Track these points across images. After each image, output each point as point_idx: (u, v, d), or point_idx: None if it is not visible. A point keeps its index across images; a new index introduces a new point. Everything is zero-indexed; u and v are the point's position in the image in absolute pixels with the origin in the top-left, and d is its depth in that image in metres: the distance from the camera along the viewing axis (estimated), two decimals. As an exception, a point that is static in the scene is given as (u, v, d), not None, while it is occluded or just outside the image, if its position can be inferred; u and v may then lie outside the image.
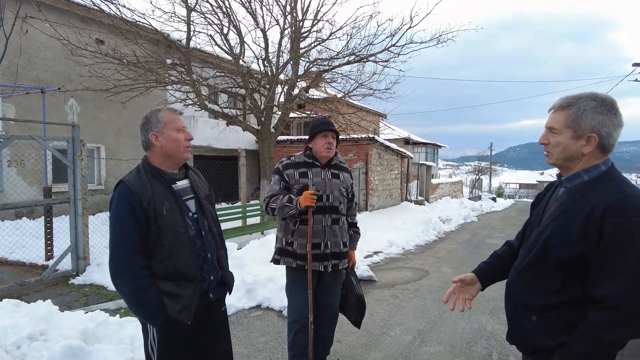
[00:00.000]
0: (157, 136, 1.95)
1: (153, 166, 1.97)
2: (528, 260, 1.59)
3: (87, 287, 5.49)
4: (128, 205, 1.84)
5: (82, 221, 5.92)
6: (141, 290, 1.84)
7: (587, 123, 1.43)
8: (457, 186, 30.23)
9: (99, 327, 3.31)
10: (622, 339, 1.37)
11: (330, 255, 2.89)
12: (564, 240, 1.44)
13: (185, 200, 2.02)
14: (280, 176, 2.92)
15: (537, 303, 1.54)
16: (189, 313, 1.89)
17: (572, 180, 1.51)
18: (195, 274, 1.93)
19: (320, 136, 2.89)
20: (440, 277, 6.49)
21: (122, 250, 1.83)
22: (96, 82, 9.53)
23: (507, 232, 12.58)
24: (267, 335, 4.04)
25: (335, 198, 2.91)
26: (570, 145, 1.47)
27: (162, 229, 1.88)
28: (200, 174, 2.26)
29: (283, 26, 10.11)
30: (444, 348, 3.85)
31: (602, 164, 1.47)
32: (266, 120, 10.54)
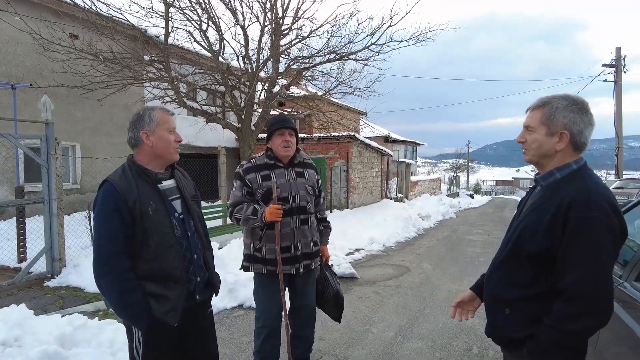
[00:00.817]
0: (148, 135, 1.92)
1: (139, 165, 1.93)
2: (503, 255, 1.66)
3: (63, 289, 5.34)
4: (113, 205, 1.81)
5: (58, 221, 5.76)
6: (126, 292, 1.80)
7: (560, 120, 1.52)
8: (435, 183, 30.70)
9: (77, 331, 3.22)
10: (584, 328, 1.42)
11: (302, 256, 2.82)
12: (534, 234, 1.51)
13: (171, 200, 1.99)
14: (241, 182, 2.80)
15: (510, 296, 1.61)
16: (175, 315, 1.87)
17: (546, 178, 1.59)
18: (181, 275, 1.90)
19: (277, 134, 2.79)
20: (420, 273, 6.58)
21: (107, 251, 1.80)
22: (70, 78, 9.26)
23: (484, 228, 12.86)
24: (250, 335, 4.00)
25: (302, 198, 2.82)
26: (545, 142, 1.55)
27: (147, 230, 1.85)
28: (186, 173, 2.22)
29: (263, 23, 10.03)
30: (426, 344, 3.91)
31: (573, 163, 1.55)
32: (246, 118, 10.45)
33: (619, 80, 17.60)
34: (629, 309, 1.92)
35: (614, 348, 1.99)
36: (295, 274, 2.82)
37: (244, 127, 10.52)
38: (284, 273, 2.76)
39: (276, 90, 10.68)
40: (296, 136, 2.87)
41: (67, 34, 9.09)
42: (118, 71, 9.19)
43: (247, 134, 10.55)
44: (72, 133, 10.60)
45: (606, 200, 1.42)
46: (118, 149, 11.43)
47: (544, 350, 1.48)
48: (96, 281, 1.84)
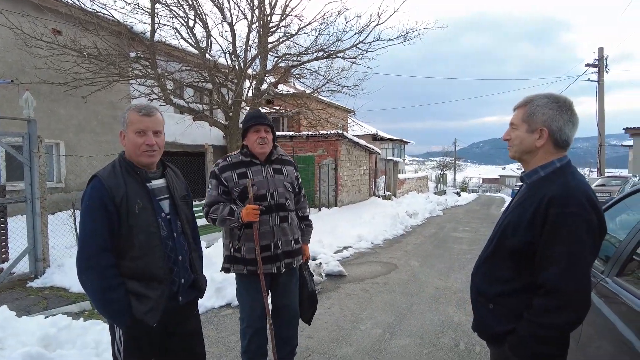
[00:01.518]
0: (123, 135, 1.92)
1: (129, 162, 1.91)
2: (489, 251, 1.70)
3: (47, 290, 5.25)
4: (100, 201, 1.79)
5: (41, 221, 5.65)
6: (108, 290, 1.78)
7: (539, 117, 1.58)
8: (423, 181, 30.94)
9: (61, 332, 3.16)
10: (562, 322, 1.45)
11: (282, 255, 2.78)
12: (516, 229, 1.55)
13: (159, 200, 1.96)
14: (217, 180, 2.73)
15: (494, 291, 1.64)
16: (155, 315, 1.84)
17: (531, 176, 1.64)
18: (164, 276, 1.88)
19: (252, 131, 2.72)
20: (408, 271, 6.63)
21: (91, 246, 1.78)
22: (53, 74, 9.07)
23: (471, 226, 13.01)
24: (238, 334, 3.95)
25: (280, 195, 2.76)
26: (526, 138, 1.61)
27: (133, 228, 1.83)
28: (179, 172, 2.19)
29: (251, 20, 9.97)
30: (413, 340, 3.94)
31: (557, 161, 1.58)
32: (234, 116, 10.38)
33: (602, 80, 17.93)
34: (610, 303, 1.97)
35: (596, 342, 2.03)
36: (276, 272, 2.79)
37: (232, 124, 10.45)
38: (265, 272, 2.72)
39: (264, 87, 10.63)
40: (272, 133, 2.81)
41: (49, 30, 8.90)
42: (103, 68, 9.03)
43: (234, 132, 10.47)
44: (55, 131, 10.40)
45: (585, 197, 1.45)
46: (103, 147, 11.25)
47: (524, 344, 1.51)
48: (78, 276, 1.81)
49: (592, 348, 2.07)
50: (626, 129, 16.86)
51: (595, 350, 2.03)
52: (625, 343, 1.71)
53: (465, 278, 6.16)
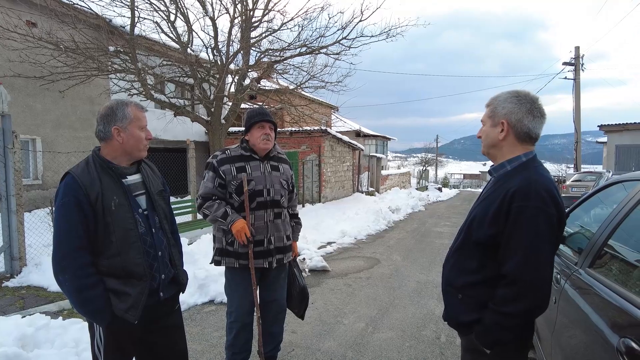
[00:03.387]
0: (119, 131, 1.88)
1: (104, 159, 1.89)
2: (458, 243, 1.77)
3: (24, 289, 5.12)
4: (74, 199, 1.76)
5: (17, 219, 5.51)
6: (86, 288, 1.76)
7: (500, 111, 1.66)
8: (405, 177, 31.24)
9: (39, 332, 3.09)
10: (522, 310, 1.51)
11: (275, 250, 2.82)
12: (482, 222, 1.61)
13: (135, 195, 1.95)
14: (215, 173, 2.73)
15: (461, 282, 1.70)
16: (135, 312, 1.83)
17: (498, 170, 1.71)
18: (144, 272, 1.87)
19: (257, 127, 2.75)
20: (390, 265, 6.71)
21: (66, 246, 1.75)
22: (29, 68, 8.82)
23: (452, 221, 13.21)
24: (221, 330, 3.98)
25: (276, 192, 2.81)
26: (490, 132, 1.70)
27: (110, 225, 1.81)
28: (154, 167, 2.17)
29: (233, 15, 9.86)
30: (396, 334, 4.00)
31: (523, 155, 1.65)
32: (216, 111, 10.28)
33: (578, 78, 18.40)
34: (583, 294, 2.04)
35: (570, 331, 2.10)
36: (268, 267, 2.82)
37: (214, 120, 10.35)
38: (256, 267, 2.75)
39: (247, 83, 10.54)
40: (275, 130, 2.86)
41: (23, 21, 8.64)
42: (81, 62, 8.81)
43: (217, 128, 10.38)
44: (31, 126, 10.11)
45: (545, 191, 1.51)
46: (82, 143, 11.00)
47: (488, 331, 1.58)
48: (55, 277, 1.78)
49: (565, 337, 2.14)
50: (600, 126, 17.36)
51: (568, 339, 2.10)
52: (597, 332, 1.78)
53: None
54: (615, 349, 1.43)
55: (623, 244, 2.05)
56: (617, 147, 16.21)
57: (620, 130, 15.97)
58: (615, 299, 1.66)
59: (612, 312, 1.69)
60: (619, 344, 1.42)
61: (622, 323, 1.59)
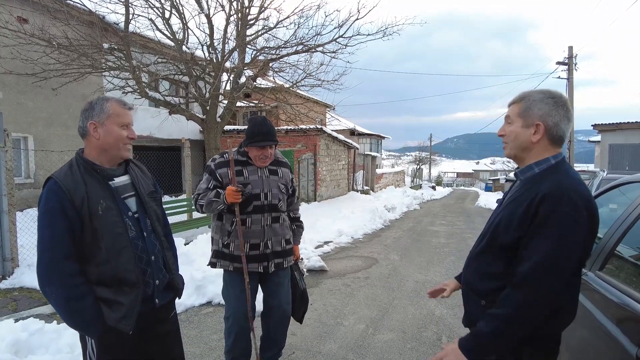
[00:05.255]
0: (96, 126, 1.76)
1: (87, 160, 1.78)
2: (481, 247, 1.69)
3: (17, 291, 5.02)
4: (58, 205, 1.66)
5: (9, 219, 5.40)
6: (74, 299, 1.66)
7: (535, 112, 1.55)
8: (399, 176, 31.31)
9: (33, 337, 3.00)
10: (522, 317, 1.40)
11: (272, 254, 2.77)
12: (508, 225, 1.53)
13: (124, 198, 1.85)
14: (211, 176, 2.72)
15: (485, 288, 1.62)
16: (129, 321, 1.74)
17: (525, 172, 1.61)
18: (137, 279, 1.78)
19: (257, 147, 2.68)
20: (388, 265, 6.67)
21: (51, 255, 1.65)
22: (20, 65, 8.66)
23: (447, 219, 13.23)
24: (220, 333, 3.92)
25: (274, 196, 2.75)
26: (521, 133, 1.58)
27: (97, 231, 1.71)
28: (144, 167, 2.07)
29: (229, 12, 9.75)
30: (396, 335, 3.96)
31: (552, 158, 1.56)
32: (211, 110, 10.17)
33: (571, 78, 18.50)
34: (593, 297, 2.00)
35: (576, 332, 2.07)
36: (263, 272, 2.77)
37: (209, 118, 10.23)
38: (252, 271, 2.72)
39: (242, 81, 10.44)
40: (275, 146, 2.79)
41: (14, 17, 8.47)
42: (74, 59, 8.66)
43: (212, 126, 10.27)
44: (23, 124, 9.94)
45: (579, 197, 1.42)
46: (75, 142, 10.83)
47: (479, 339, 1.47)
48: (41, 288, 1.69)
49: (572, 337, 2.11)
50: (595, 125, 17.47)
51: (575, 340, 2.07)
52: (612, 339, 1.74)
53: (444, 271, 6.25)
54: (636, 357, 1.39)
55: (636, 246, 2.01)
56: (611, 146, 16.31)
57: (614, 129, 16.07)
58: (632, 305, 1.62)
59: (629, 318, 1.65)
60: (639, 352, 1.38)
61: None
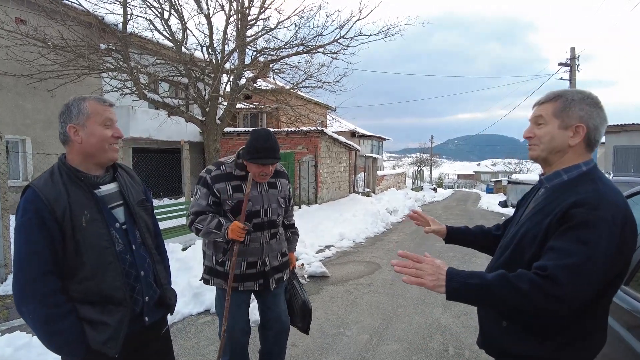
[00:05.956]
0: (76, 129, 1.61)
1: (70, 167, 1.62)
2: (503, 260, 1.53)
3: (9, 298, 4.87)
4: (36, 216, 1.50)
5: (2, 223, 5.25)
6: (53, 320, 1.51)
7: (576, 113, 1.40)
8: (400, 177, 31.15)
9: (19, 352, 2.84)
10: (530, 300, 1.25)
11: (271, 270, 2.64)
12: (534, 238, 1.39)
13: (111, 208, 1.69)
14: (208, 190, 2.50)
15: None
16: (115, 344, 1.59)
17: (551, 179, 1.47)
18: (124, 296, 1.63)
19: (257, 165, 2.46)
20: (391, 270, 6.51)
21: (29, 271, 1.49)
22: (17, 66, 8.54)
23: (451, 222, 13.02)
24: (218, 344, 3.77)
25: (273, 211, 2.60)
26: (557, 135, 1.42)
27: (80, 245, 1.56)
28: (133, 173, 1.92)
29: (228, 12, 9.63)
30: (401, 346, 3.80)
31: (583, 164, 1.42)
32: (211, 111, 10.03)
33: (573, 79, 18.38)
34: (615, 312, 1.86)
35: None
36: (258, 290, 2.63)
37: (209, 120, 10.09)
38: (247, 289, 2.60)
39: (242, 82, 10.31)
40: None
41: (12, 18, 8.35)
42: (71, 60, 8.54)
43: (212, 128, 10.13)
44: (21, 126, 9.84)
45: (617, 207, 1.27)
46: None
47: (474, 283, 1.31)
48: (17, 309, 1.53)
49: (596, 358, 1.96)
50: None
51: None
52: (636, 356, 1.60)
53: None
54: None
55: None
56: (615, 148, 16.11)
57: (618, 131, 15.88)
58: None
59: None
60: None
61: None
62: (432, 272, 1.35)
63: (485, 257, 7.54)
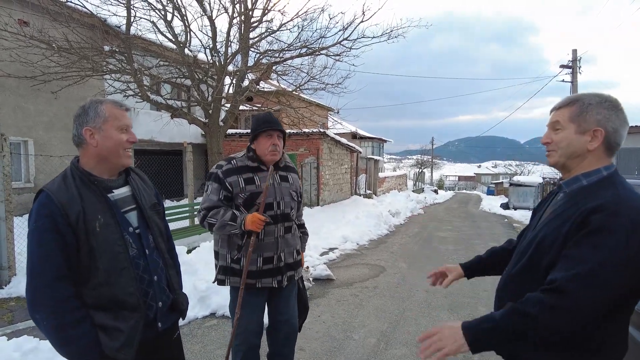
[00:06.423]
0: (92, 133, 1.60)
1: (84, 171, 1.61)
2: (520, 266, 1.50)
3: (13, 300, 4.84)
4: (50, 221, 1.48)
5: (6, 226, 5.23)
6: (68, 327, 1.48)
7: (593, 117, 1.37)
8: (401, 179, 31.14)
9: (27, 356, 2.81)
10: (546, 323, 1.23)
11: (285, 267, 2.61)
12: (553, 244, 1.35)
13: (124, 212, 1.68)
14: (220, 184, 2.50)
15: None
16: (129, 350, 1.57)
17: (570, 184, 1.43)
18: (137, 302, 1.61)
19: (264, 136, 2.52)
20: (396, 273, 6.48)
21: (42, 277, 1.47)
22: (20, 68, 8.52)
23: (453, 224, 13.03)
24: (225, 347, 3.74)
25: (286, 204, 2.59)
26: (575, 140, 1.40)
27: (94, 250, 1.54)
28: (145, 177, 1.90)
29: (232, 15, 9.62)
30: (410, 350, 3.77)
31: (603, 169, 1.38)
32: (214, 113, 10.03)
33: (575, 81, 18.35)
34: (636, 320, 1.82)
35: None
36: (277, 287, 2.59)
37: (212, 122, 10.08)
38: (264, 286, 2.54)
39: (245, 84, 10.30)
40: (284, 139, 2.63)
41: (15, 20, 8.34)
42: (75, 62, 8.53)
43: (215, 130, 10.12)
44: (23, 128, 9.83)
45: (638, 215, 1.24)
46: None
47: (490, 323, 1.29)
48: (30, 315, 1.51)
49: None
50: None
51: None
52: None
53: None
54: None
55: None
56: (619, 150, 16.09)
57: (620, 133, 15.86)
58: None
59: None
60: None
61: None
62: (449, 335, 1.32)
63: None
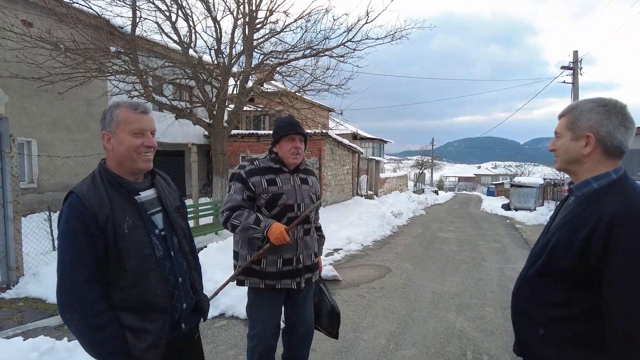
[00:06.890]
0: (109, 137, 1.61)
1: (111, 173, 1.62)
2: (535, 270, 1.54)
3: (22, 301, 4.85)
4: (80, 222, 1.50)
5: (14, 226, 5.24)
6: (97, 328, 1.50)
7: (584, 123, 1.45)
8: (402, 180, 31.18)
9: (44, 357, 2.82)
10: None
11: (304, 269, 2.64)
12: (568, 249, 1.39)
13: (150, 214, 1.69)
14: (243, 184, 2.54)
15: (544, 316, 1.49)
16: (157, 352, 1.58)
17: (581, 188, 1.48)
18: (165, 304, 1.62)
19: (287, 140, 2.56)
20: (402, 274, 6.50)
21: (72, 279, 1.48)
22: (25, 69, 8.53)
23: (455, 225, 13.06)
24: (236, 348, 3.77)
25: (306, 206, 2.62)
26: (571, 146, 1.49)
27: (123, 252, 1.55)
28: (169, 179, 1.92)
29: (236, 16, 9.64)
30: (419, 350, 3.79)
31: (613, 172, 1.43)
32: (218, 114, 10.04)
33: (576, 82, 18.38)
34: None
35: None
36: (295, 288, 2.61)
37: (216, 123, 10.10)
38: (283, 287, 2.56)
39: (249, 85, 10.32)
40: (305, 142, 2.67)
41: (20, 20, 8.36)
42: (80, 63, 8.54)
43: (219, 130, 10.13)
44: (27, 128, 9.84)
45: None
46: (79, 146, 10.73)
47: None
48: (61, 315, 1.53)
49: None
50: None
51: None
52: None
53: (460, 281, 6.07)
54: None
55: None
56: (619, 152, 16.16)
57: (622, 134, 15.91)
58: None
59: None
60: None
61: None
62: None
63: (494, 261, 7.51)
